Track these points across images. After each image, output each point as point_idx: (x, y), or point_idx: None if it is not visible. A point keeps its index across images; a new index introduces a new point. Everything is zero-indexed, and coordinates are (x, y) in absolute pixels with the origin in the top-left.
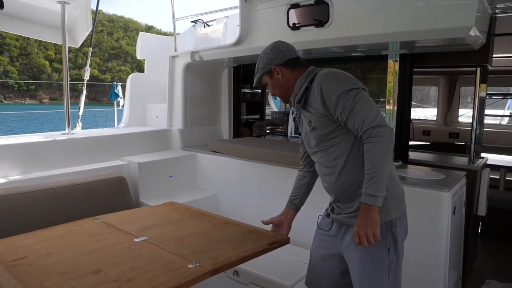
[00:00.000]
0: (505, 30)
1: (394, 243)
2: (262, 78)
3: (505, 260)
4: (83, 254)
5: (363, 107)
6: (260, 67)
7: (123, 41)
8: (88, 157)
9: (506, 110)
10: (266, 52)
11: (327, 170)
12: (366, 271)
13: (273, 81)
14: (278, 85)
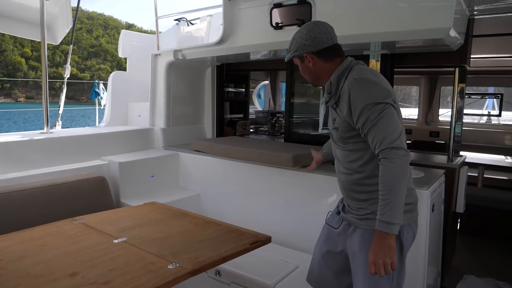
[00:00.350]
0: (482, 32)
1: (400, 250)
2: (293, 59)
3: (482, 255)
4: (60, 257)
5: (386, 124)
6: (292, 48)
7: (103, 39)
8: (67, 156)
9: (484, 109)
10: (301, 35)
11: (343, 168)
12: (371, 278)
13: (304, 66)
14: (308, 72)
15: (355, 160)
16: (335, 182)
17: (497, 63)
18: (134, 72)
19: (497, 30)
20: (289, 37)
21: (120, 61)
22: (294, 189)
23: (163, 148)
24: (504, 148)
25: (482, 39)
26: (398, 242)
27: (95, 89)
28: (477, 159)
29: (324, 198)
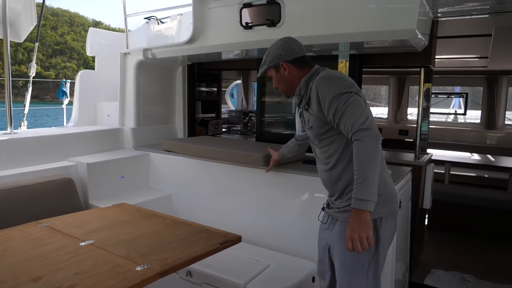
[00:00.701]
0: (446, 33)
1: (376, 242)
2: (268, 71)
3: (449, 250)
4: (23, 261)
5: (354, 110)
6: (268, 60)
7: (68, 36)
8: (33, 158)
9: (451, 108)
10: (276, 47)
11: (322, 166)
12: (347, 266)
13: (279, 75)
14: (283, 80)
15: (332, 154)
16: (306, 181)
17: (462, 64)
18: (103, 71)
19: (460, 32)
20: (259, 37)
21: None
22: (265, 189)
23: (133, 148)
24: (470, 146)
25: (447, 40)
26: (374, 233)
27: (62, 88)
28: (444, 157)
29: (295, 197)
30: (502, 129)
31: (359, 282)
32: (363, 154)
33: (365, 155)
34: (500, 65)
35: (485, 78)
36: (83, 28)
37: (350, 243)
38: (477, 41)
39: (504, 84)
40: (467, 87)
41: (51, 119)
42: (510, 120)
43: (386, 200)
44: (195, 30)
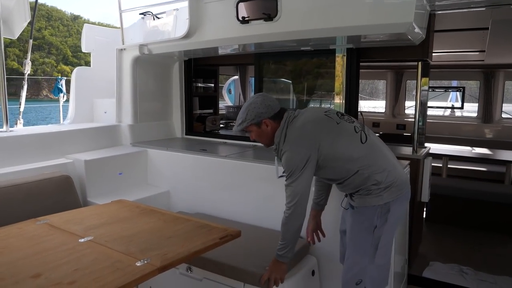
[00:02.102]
0: (444, 27)
1: (382, 223)
2: (249, 127)
3: (447, 242)
4: (22, 258)
5: (293, 188)
6: (248, 117)
7: (46, 31)
8: (30, 155)
9: (448, 102)
10: (256, 106)
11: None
12: (353, 243)
13: (260, 131)
14: (264, 135)
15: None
16: None
17: (459, 58)
18: (99, 67)
19: (458, 25)
20: (256, 31)
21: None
22: (264, 184)
23: (131, 145)
24: (467, 139)
25: (444, 34)
26: (380, 216)
27: (58, 85)
28: (441, 150)
29: None
30: (499, 122)
31: (362, 261)
32: (287, 227)
33: (289, 228)
34: (497, 58)
35: (482, 72)
36: (61, 22)
37: (267, 280)
38: (474, 35)
39: (501, 77)
40: (464, 81)
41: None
42: (507, 114)
43: (394, 186)
44: (191, 25)
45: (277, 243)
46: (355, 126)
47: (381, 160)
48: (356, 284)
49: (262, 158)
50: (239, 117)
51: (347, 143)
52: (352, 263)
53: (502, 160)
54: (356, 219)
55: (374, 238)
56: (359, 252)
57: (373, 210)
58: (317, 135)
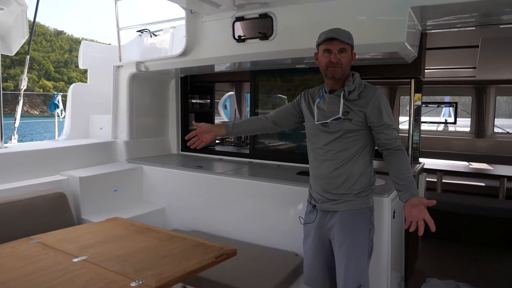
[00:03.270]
0: (436, 45)
1: (372, 226)
2: (350, 46)
3: (443, 258)
4: (14, 279)
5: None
6: (352, 39)
7: None
8: (24, 172)
9: (441, 117)
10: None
11: (329, 159)
12: (352, 250)
13: (348, 56)
14: (350, 63)
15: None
16: (301, 192)
17: (451, 74)
18: (95, 83)
19: (449, 43)
20: (252, 50)
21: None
22: (260, 200)
23: (126, 161)
24: (460, 154)
25: (436, 52)
26: (371, 219)
27: (54, 101)
28: (436, 165)
29: (289, 208)
30: (492, 137)
31: (362, 262)
32: (408, 159)
33: (407, 160)
34: (488, 75)
35: (473, 88)
36: (44, 37)
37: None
38: (465, 52)
39: (492, 93)
40: (457, 97)
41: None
42: (499, 128)
43: (373, 192)
44: (188, 43)
45: (272, 261)
46: None
47: (372, 166)
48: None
49: (257, 175)
50: (345, 32)
51: None
52: (353, 267)
53: (496, 175)
54: (349, 223)
55: (369, 240)
56: (359, 255)
57: (365, 212)
58: None
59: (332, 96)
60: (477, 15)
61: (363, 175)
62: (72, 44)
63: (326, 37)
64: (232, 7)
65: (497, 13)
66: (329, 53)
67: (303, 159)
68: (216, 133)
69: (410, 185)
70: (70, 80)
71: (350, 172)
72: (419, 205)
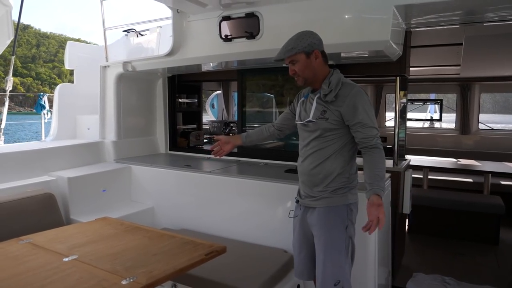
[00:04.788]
0: (420, 43)
1: (350, 223)
2: (297, 55)
3: (430, 253)
4: (5, 279)
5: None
6: (301, 44)
7: None
8: (12, 173)
9: (427, 114)
10: (309, 35)
11: (309, 156)
12: (329, 244)
13: (308, 62)
14: (310, 67)
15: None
16: (289, 190)
17: (436, 72)
18: (82, 84)
19: (433, 41)
20: (239, 49)
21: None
22: (248, 198)
23: (115, 161)
24: (446, 151)
25: (420, 50)
26: (348, 216)
27: (41, 102)
28: (421, 162)
29: (278, 205)
30: (476, 133)
31: (338, 258)
32: (382, 158)
33: (383, 159)
34: (472, 72)
35: (458, 85)
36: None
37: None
38: (449, 50)
39: (476, 90)
40: (441, 94)
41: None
42: (484, 125)
43: (354, 189)
44: (175, 43)
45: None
46: None
47: (355, 163)
48: (334, 285)
49: (246, 173)
50: (288, 44)
51: None
52: (330, 263)
53: (481, 171)
54: (325, 219)
55: (347, 236)
56: (335, 251)
57: (342, 209)
58: None
59: (313, 96)
60: (460, 13)
61: (342, 173)
62: (40, 39)
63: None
64: (219, 7)
65: (480, 11)
66: None
67: (290, 157)
68: (234, 143)
69: (376, 183)
70: (38, 76)
71: (329, 170)
72: (375, 205)
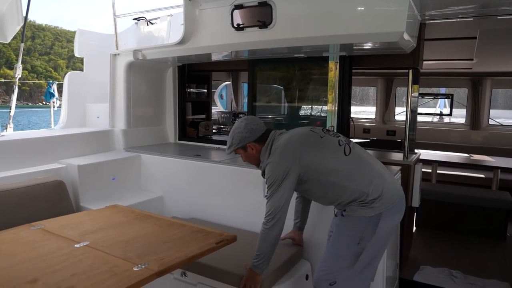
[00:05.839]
0: (434, 36)
1: (370, 235)
2: (237, 150)
3: (437, 247)
4: (18, 264)
5: (273, 199)
6: (234, 142)
7: None
8: (22, 160)
9: (437, 108)
10: (240, 130)
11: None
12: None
13: (247, 154)
14: (251, 157)
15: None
16: None
17: (448, 66)
18: (92, 72)
19: (447, 34)
20: (251, 38)
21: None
22: (257, 189)
23: (124, 150)
24: (455, 146)
25: (434, 43)
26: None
27: (50, 90)
28: (431, 156)
29: None
30: (486, 129)
31: (339, 262)
32: (264, 238)
33: (266, 239)
34: (485, 67)
35: (469, 80)
36: None
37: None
38: (462, 44)
39: (488, 85)
40: (453, 88)
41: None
42: (494, 120)
43: (383, 198)
44: (186, 31)
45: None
46: (339, 140)
47: (367, 172)
48: (330, 284)
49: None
50: (228, 141)
51: (329, 155)
52: (330, 265)
53: (490, 166)
54: (343, 226)
55: (358, 248)
56: (339, 258)
57: (362, 221)
58: (299, 148)
59: None
60: (475, 6)
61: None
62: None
63: None
64: None
65: (495, 4)
66: None
67: None
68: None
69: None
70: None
71: (330, 202)
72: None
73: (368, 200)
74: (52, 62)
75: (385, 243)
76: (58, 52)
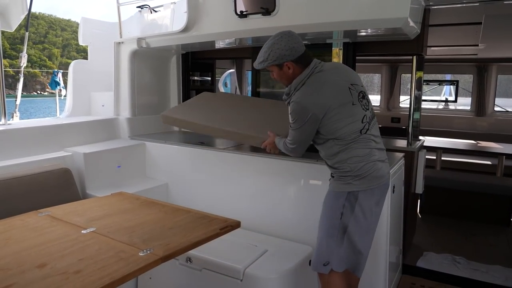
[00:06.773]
0: (438, 21)
1: (349, 212)
2: (270, 67)
3: (440, 233)
4: (27, 249)
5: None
6: (270, 58)
7: None
8: (29, 148)
9: (442, 95)
10: (280, 46)
11: None
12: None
13: (282, 72)
14: (285, 76)
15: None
16: (301, 168)
17: (453, 52)
18: (96, 60)
19: (452, 20)
20: (254, 25)
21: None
22: (262, 175)
23: (129, 138)
24: (460, 132)
25: (438, 29)
26: (348, 204)
27: (55, 78)
28: (435, 143)
29: (291, 183)
30: (492, 115)
31: (327, 241)
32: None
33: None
34: (490, 53)
35: (475, 66)
36: None
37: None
38: (467, 29)
39: (493, 71)
40: (458, 75)
41: None
42: (499, 107)
43: (365, 177)
44: (189, 19)
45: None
46: (365, 115)
47: (367, 152)
48: (323, 265)
49: (260, 150)
50: (260, 55)
51: (348, 128)
52: (321, 244)
53: (494, 153)
54: (325, 201)
55: (341, 223)
56: (327, 234)
57: (341, 196)
58: (329, 104)
59: None
60: None
61: (336, 163)
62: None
63: None
64: None
65: None
66: None
67: None
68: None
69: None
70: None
71: (324, 158)
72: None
73: (348, 176)
74: (46, 51)
75: (368, 227)
76: (53, 40)
